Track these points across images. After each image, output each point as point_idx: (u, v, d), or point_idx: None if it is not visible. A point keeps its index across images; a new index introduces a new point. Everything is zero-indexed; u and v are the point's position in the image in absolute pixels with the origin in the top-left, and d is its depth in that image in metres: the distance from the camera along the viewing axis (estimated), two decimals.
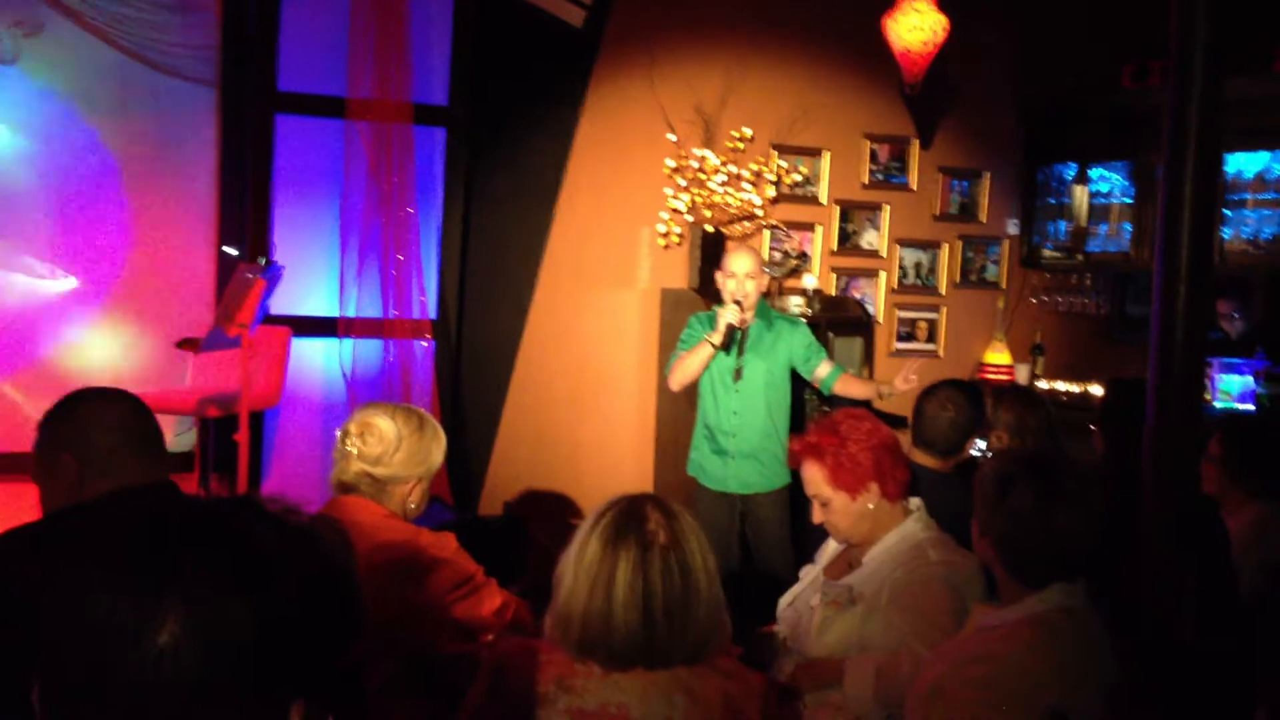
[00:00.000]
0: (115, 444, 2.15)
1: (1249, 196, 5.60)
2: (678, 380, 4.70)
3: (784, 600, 3.08)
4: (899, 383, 4.53)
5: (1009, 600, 2.31)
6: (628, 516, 1.98)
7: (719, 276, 4.69)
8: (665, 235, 6.07)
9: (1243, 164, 5.61)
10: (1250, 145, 5.53)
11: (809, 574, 3.08)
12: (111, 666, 0.96)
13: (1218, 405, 5.36)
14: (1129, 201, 6.22)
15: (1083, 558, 2.26)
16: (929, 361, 6.62)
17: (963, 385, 3.77)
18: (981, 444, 3.90)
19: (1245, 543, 3.34)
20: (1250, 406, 5.34)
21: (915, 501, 2.92)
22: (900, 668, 2.58)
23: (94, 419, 2.17)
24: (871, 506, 2.88)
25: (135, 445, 2.17)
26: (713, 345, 4.56)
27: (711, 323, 4.71)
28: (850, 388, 4.83)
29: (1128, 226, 6.19)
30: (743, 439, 4.68)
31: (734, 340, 4.58)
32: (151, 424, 2.24)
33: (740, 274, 4.59)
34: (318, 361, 5.67)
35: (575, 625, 1.95)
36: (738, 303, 4.56)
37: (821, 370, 4.75)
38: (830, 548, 3.07)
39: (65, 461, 2.12)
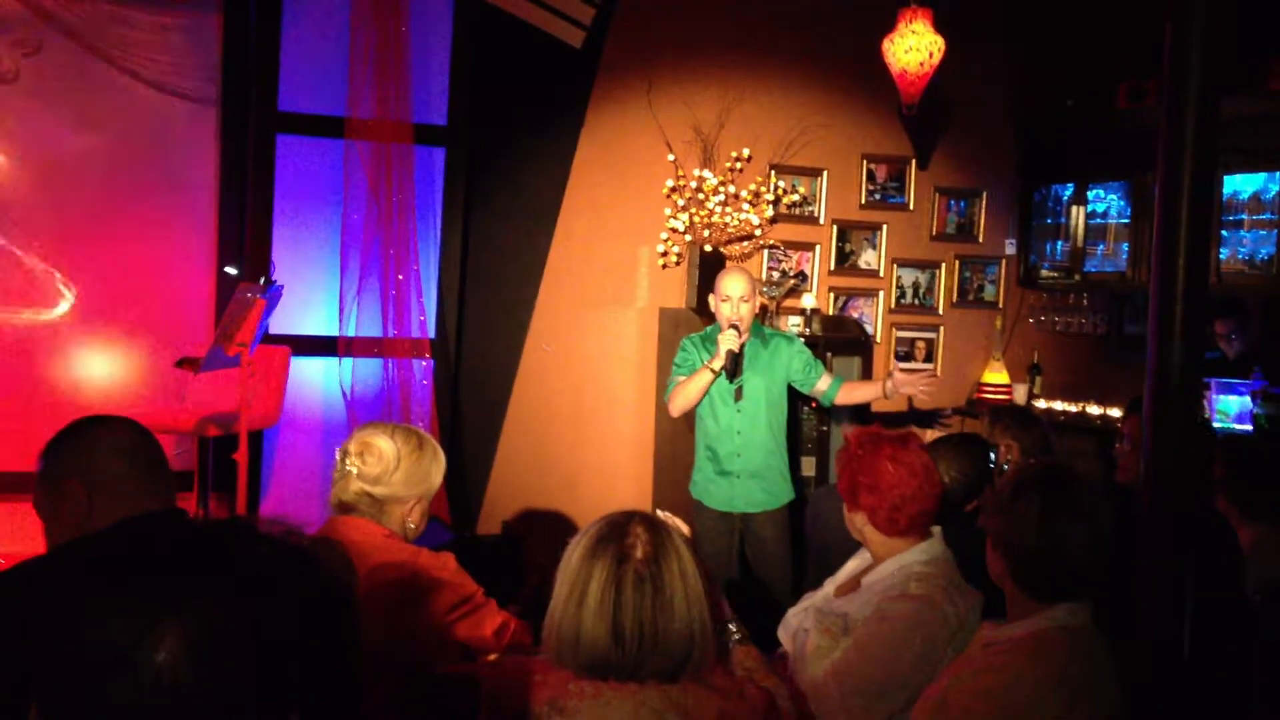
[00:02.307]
0: (123, 470, 2.13)
1: (1245, 217, 5.62)
2: (679, 407, 4.69)
3: (792, 611, 3.07)
4: (906, 389, 4.66)
5: (1016, 617, 2.33)
6: (612, 530, 2.00)
7: (712, 299, 4.70)
8: (664, 255, 6.08)
9: (1239, 185, 5.62)
10: (1247, 165, 5.54)
11: (827, 588, 3.07)
12: (109, 685, 0.96)
13: (1216, 426, 5.36)
14: (1126, 221, 6.24)
15: (1089, 575, 2.27)
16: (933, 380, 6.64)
17: (968, 444, 3.69)
18: (991, 455, 3.89)
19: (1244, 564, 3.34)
20: (1248, 427, 5.34)
21: (935, 530, 2.90)
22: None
23: (101, 444, 2.15)
24: (863, 529, 2.88)
25: (142, 471, 2.16)
26: (713, 371, 4.57)
27: (704, 344, 4.72)
28: (854, 393, 4.84)
29: (1125, 246, 6.20)
30: (748, 458, 4.68)
31: (737, 365, 4.60)
32: (157, 449, 2.22)
33: (735, 297, 4.60)
34: (317, 381, 5.67)
35: (553, 633, 1.97)
36: (734, 326, 4.57)
37: (822, 384, 4.76)
38: (849, 567, 3.06)
39: (71, 488, 2.10)
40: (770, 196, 6.18)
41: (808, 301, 6.02)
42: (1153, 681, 1.77)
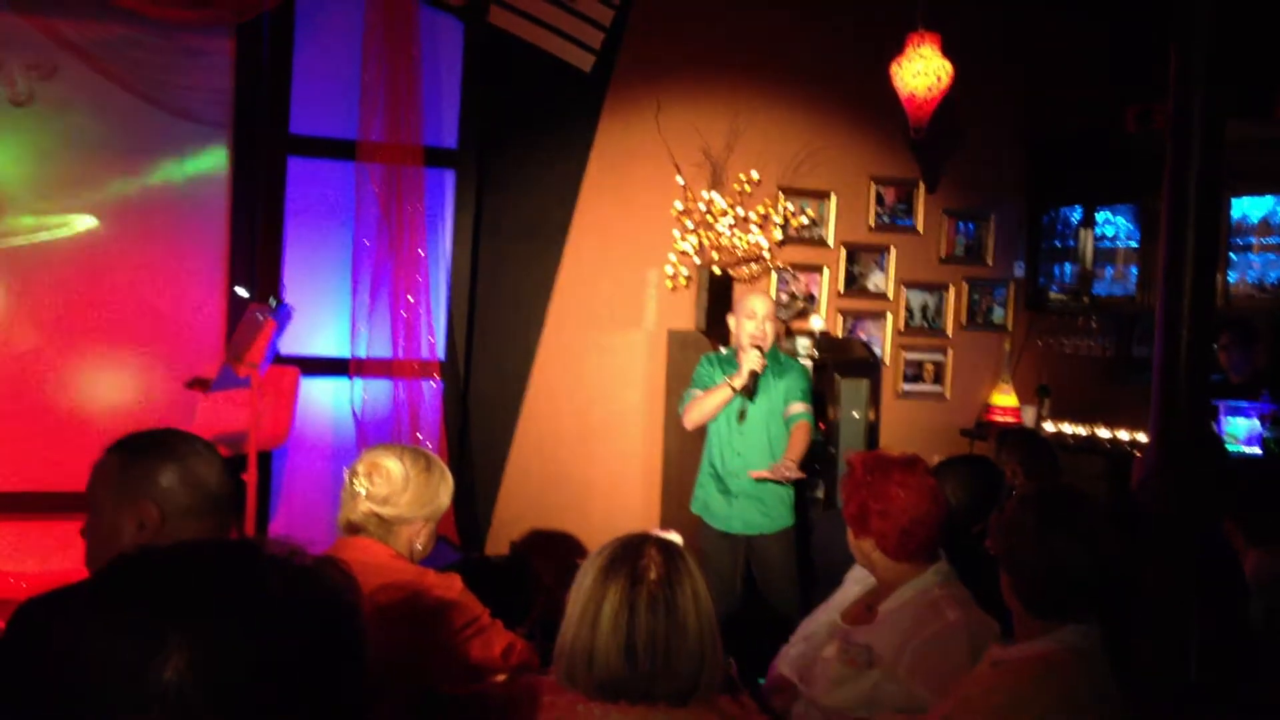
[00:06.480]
0: (171, 517, 2.03)
1: (1254, 240, 5.62)
2: (693, 420, 4.72)
3: (791, 643, 3.06)
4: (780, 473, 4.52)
5: (1023, 637, 2.33)
6: (625, 551, 2.01)
7: (734, 319, 4.71)
8: (672, 277, 6.10)
9: (1248, 208, 5.63)
10: (1256, 189, 5.56)
11: (822, 614, 3.05)
12: (116, 703, 0.97)
13: None
14: (1134, 245, 6.24)
15: (1092, 595, 2.26)
16: (938, 404, 6.64)
17: (974, 466, 3.65)
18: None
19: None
20: (1257, 450, 5.33)
21: (940, 552, 2.89)
22: None
23: (169, 493, 2.05)
24: (871, 554, 2.87)
25: (188, 527, 2.05)
26: (733, 389, 4.59)
27: (723, 365, 4.74)
28: (792, 440, 4.70)
29: (1133, 269, 6.21)
30: (747, 479, 4.69)
31: (757, 385, 4.61)
32: (222, 511, 2.10)
33: (760, 315, 4.64)
34: (326, 401, 5.69)
35: (565, 653, 1.97)
36: (758, 346, 4.59)
37: (792, 409, 4.70)
38: (851, 592, 3.04)
39: (145, 507, 2.03)
40: (779, 219, 6.20)
41: (816, 324, 6.03)
42: (1158, 704, 1.78)
